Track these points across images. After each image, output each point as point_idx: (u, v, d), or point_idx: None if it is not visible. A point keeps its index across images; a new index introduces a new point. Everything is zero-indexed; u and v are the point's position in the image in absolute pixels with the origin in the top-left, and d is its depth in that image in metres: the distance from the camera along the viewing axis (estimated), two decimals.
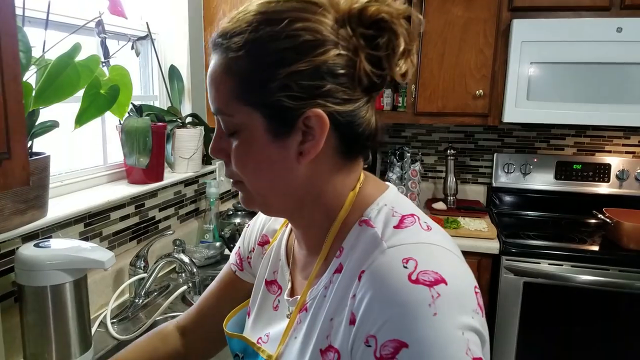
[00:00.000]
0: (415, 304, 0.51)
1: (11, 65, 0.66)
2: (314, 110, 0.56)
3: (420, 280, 0.52)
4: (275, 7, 0.57)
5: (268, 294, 0.77)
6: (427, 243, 0.58)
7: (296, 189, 0.62)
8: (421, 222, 0.61)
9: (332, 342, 0.59)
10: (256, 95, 0.57)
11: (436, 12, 2.23)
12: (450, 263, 0.56)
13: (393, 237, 0.58)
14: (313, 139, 0.58)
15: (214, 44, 0.60)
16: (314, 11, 0.57)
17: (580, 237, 2.14)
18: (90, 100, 1.08)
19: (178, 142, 1.70)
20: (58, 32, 1.24)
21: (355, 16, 0.57)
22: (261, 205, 0.66)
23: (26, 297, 1.01)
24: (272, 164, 0.60)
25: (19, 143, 0.68)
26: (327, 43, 0.56)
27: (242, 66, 0.56)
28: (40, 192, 1.08)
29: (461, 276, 0.56)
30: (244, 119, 0.58)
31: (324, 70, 0.56)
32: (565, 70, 2.14)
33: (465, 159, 2.71)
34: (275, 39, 0.55)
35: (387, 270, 0.54)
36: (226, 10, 1.85)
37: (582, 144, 2.57)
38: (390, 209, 0.62)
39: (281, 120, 0.57)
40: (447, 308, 0.51)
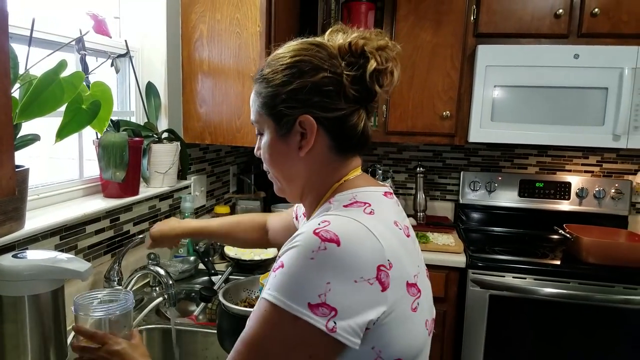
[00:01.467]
0: (304, 246, 0.67)
1: (2, 80, 0.69)
2: (304, 116, 0.78)
3: (319, 234, 0.67)
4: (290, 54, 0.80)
5: None
6: (353, 219, 0.71)
7: (299, 177, 0.84)
8: (367, 209, 0.75)
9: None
10: (269, 108, 0.81)
11: (406, 37, 2.33)
12: (357, 236, 0.69)
13: (335, 210, 0.75)
14: (306, 137, 0.79)
15: (254, 79, 0.85)
16: (315, 50, 0.79)
17: (543, 252, 2.24)
18: (72, 115, 1.11)
19: (154, 157, 1.72)
20: (38, 48, 1.27)
21: (342, 48, 0.79)
22: (282, 191, 0.89)
23: (4, 307, 1.01)
24: (281, 155, 0.83)
25: (6, 154, 0.71)
26: (318, 69, 0.77)
27: (262, 89, 0.81)
28: (18, 204, 1.10)
29: (359, 248, 0.67)
30: (265, 125, 0.83)
31: (313, 87, 0.77)
32: (527, 93, 2.26)
33: (434, 177, 2.80)
34: (281, 69, 0.79)
35: (309, 225, 0.71)
36: (204, 30, 1.90)
37: (544, 163, 2.70)
38: (353, 195, 0.79)
39: (283, 124, 0.80)
40: (324, 262, 0.65)
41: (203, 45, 1.92)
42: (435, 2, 2.29)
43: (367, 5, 2.47)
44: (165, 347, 1.50)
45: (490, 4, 2.27)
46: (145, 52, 1.85)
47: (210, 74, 1.94)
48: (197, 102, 1.96)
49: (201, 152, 2.21)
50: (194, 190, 2.10)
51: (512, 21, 2.27)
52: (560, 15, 2.22)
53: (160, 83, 1.85)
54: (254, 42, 1.88)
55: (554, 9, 2.23)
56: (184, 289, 1.78)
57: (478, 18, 2.30)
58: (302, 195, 0.87)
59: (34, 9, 1.33)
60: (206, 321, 1.62)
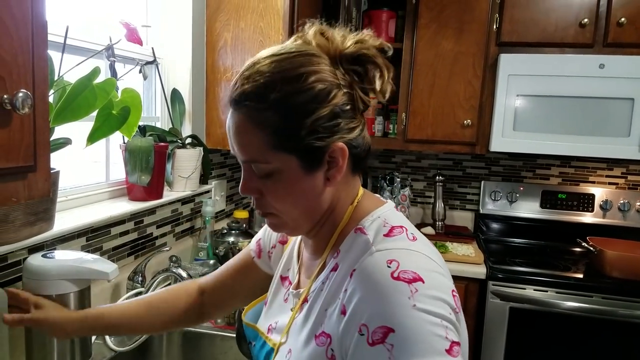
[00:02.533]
0: (396, 296, 0.61)
1: (41, 86, 0.72)
2: (337, 144, 0.69)
3: (400, 277, 0.62)
4: (286, 65, 0.68)
5: (281, 287, 0.89)
6: (410, 250, 0.68)
7: (320, 209, 0.74)
8: (408, 233, 0.71)
9: (324, 329, 0.69)
10: (290, 143, 0.67)
11: (427, 44, 2.33)
12: (428, 267, 0.66)
13: (381, 243, 0.69)
14: (337, 166, 0.70)
15: (236, 103, 0.69)
16: (317, 62, 0.69)
17: (565, 265, 2.21)
18: (103, 120, 1.14)
19: (178, 161, 1.75)
20: (69, 54, 1.31)
21: (343, 57, 0.71)
22: (292, 229, 0.78)
23: None
24: (305, 194, 0.71)
25: (43, 157, 0.74)
26: (334, 88, 0.68)
27: (274, 121, 0.67)
28: (49, 205, 1.13)
29: (438, 278, 0.65)
30: (280, 164, 0.69)
31: (337, 110, 0.68)
32: (550, 103, 2.24)
33: (453, 186, 2.79)
34: (297, 94, 0.67)
35: (373, 268, 0.65)
36: (228, 38, 1.93)
37: (567, 174, 2.66)
38: (383, 220, 0.73)
39: (313, 158, 0.69)
40: (424, 301, 0.61)
41: (227, 53, 1.95)
42: (458, 10, 2.29)
43: (388, 14, 2.49)
44: (185, 349, 1.52)
45: (513, 14, 2.27)
46: (171, 60, 1.89)
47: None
48: (220, 109, 1.99)
49: (222, 158, 2.24)
50: (214, 194, 2.13)
51: (536, 30, 2.26)
52: (585, 24, 2.20)
53: (185, 90, 1.89)
54: None
55: (579, 19, 2.21)
56: None
57: (501, 27, 2.29)
58: (314, 228, 0.77)
59: (67, 17, 1.38)
60: (224, 325, 1.63)
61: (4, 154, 0.66)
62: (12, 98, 0.64)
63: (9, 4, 0.65)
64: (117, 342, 1.33)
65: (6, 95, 0.64)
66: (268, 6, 1.88)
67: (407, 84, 2.39)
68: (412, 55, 2.37)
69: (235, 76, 0.72)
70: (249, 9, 1.90)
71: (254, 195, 0.73)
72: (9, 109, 0.64)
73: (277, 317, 0.85)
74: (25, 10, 0.68)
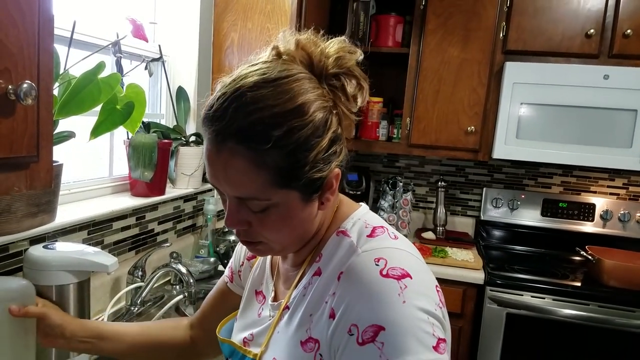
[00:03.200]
0: (386, 294, 0.61)
1: (46, 78, 0.74)
2: (335, 171, 0.68)
3: (390, 274, 0.62)
4: (282, 95, 0.62)
5: (255, 302, 0.87)
6: (394, 248, 0.68)
7: (312, 231, 0.73)
8: (390, 233, 0.72)
9: (311, 334, 0.68)
10: (292, 180, 0.64)
11: (434, 50, 2.35)
12: (414, 263, 0.67)
13: (366, 244, 0.69)
14: (330, 189, 0.69)
15: (228, 138, 0.61)
16: (311, 88, 0.65)
17: (563, 273, 2.21)
18: (107, 114, 1.16)
19: (181, 159, 1.77)
20: (75, 49, 1.33)
21: (328, 75, 0.68)
22: (278, 252, 0.76)
23: None
24: (302, 222, 0.69)
25: (45, 148, 0.75)
26: (328, 113, 0.66)
27: (276, 160, 0.61)
28: (51, 198, 1.14)
29: (423, 275, 0.66)
30: (281, 199, 0.65)
31: (333, 137, 0.66)
32: (554, 112, 2.24)
33: (455, 192, 2.79)
34: (300, 129, 0.62)
35: (362, 268, 0.65)
36: (235, 38, 1.95)
37: (569, 184, 2.66)
38: (364, 222, 0.74)
39: (313, 189, 0.67)
40: (413, 297, 0.61)
41: (233, 52, 1.97)
42: (465, 18, 2.30)
43: (396, 19, 2.50)
44: None
45: (520, 22, 2.27)
46: (177, 57, 1.91)
47: None
48: None
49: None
50: (216, 193, 2.14)
51: (542, 39, 2.26)
52: (591, 35, 2.21)
53: (190, 88, 1.91)
54: None
55: (585, 29, 2.21)
56: (203, 289, 1.81)
57: (507, 35, 2.30)
58: (301, 246, 0.76)
59: (74, 11, 1.40)
60: None
61: (7, 144, 0.67)
62: (17, 89, 0.66)
63: None
64: None
65: (11, 85, 0.66)
66: (276, 7, 1.90)
67: (412, 89, 2.40)
68: (418, 61, 2.38)
69: (215, 104, 0.64)
70: (256, 9, 1.92)
71: (242, 227, 0.69)
72: (13, 100, 0.66)
73: (250, 329, 0.83)
74: (33, 3, 0.69)
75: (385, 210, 2.59)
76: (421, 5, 2.35)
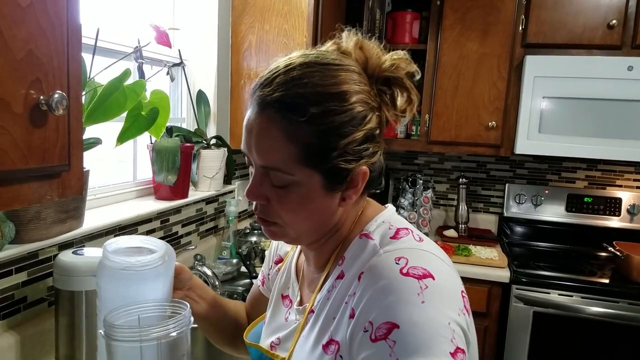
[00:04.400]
0: (405, 292, 0.59)
1: (75, 87, 0.74)
2: (362, 168, 0.67)
3: (410, 273, 0.61)
4: (329, 79, 0.65)
5: (282, 307, 0.86)
6: (418, 249, 0.67)
7: (328, 225, 0.72)
8: (414, 235, 0.71)
9: (333, 336, 0.68)
10: (319, 161, 0.65)
11: (452, 46, 2.32)
12: (438, 265, 0.64)
13: (389, 245, 0.68)
14: (355, 187, 0.68)
15: (268, 107, 0.64)
16: (358, 81, 0.66)
17: (591, 270, 2.17)
18: (132, 120, 1.17)
19: (203, 162, 1.78)
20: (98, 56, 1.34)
21: (379, 78, 0.69)
22: (292, 239, 0.75)
23: (62, 300, 1.07)
24: (319, 211, 0.69)
25: (76, 157, 0.76)
26: (370, 111, 0.67)
27: (307, 136, 0.63)
28: (79, 204, 1.16)
29: (448, 277, 0.64)
30: (303, 178, 0.66)
31: (369, 135, 0.67)
32: (577, 105, 2.20)
33: (477, 188, 2.76)
34: (337, 113, 0.64)
35: (382, 266, 0.64)
36: (252, 40, 1.95)
37: (593, 178, 2.61)
38: (388, 224, 0.72)
39: (337, 179, 0.67)
40: (434, 299, 0.59)
41: (251, 55, 1.97)
42: (483, 12, 2.27)
43: (413, 15, 2.48)
44: (209, 345, 1.54)
45: (539, 15, 2.24)
46: (197, 62, 1.92)
47: None
48: (244, 110, 2.01)
49: (245, 158, 2.25)
50: (237, 194, 2.15)
51: (563, 32, 2.23)
52: (613, 26, 2.16)
53: (210, 91, 1.92)
54: None
55: (607, 20, 2.17)
56: (226, 290, 1.82)
57: (527, 28, 2.26)
58: (316, 242, 0.75)
59: (95, 19, 1.41)
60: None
61: (40, 154, 0.68)
62: (48, 99, 0.66)
63: (46, 7, 0.67)
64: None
65: (42, 96, 0.66)
66: (292, 8, 1.90)
67: (430, 85, 2.38)
68: (435, 57, 2.36)
69: (266, 74, 0.68)
70: (273, 11, 1.92)
71: (261, 201, 0.70)
72: (45, 110, 0.66)
73: (278, 333, 0.83)
74: (61, 13, 0.70)
75: (405, 208, 2.57)
76: (438, 1, 2.33)
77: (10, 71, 0.61)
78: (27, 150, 0.65)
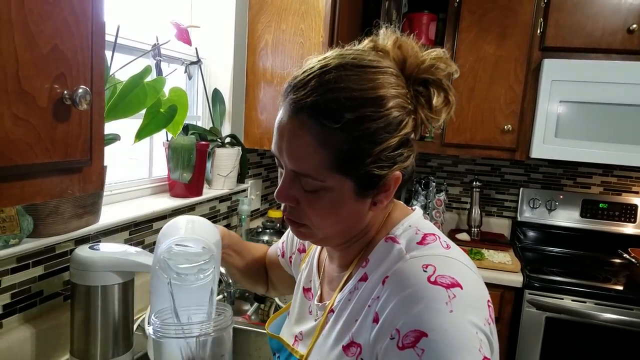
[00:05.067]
0: (433, 301, 0.58)
1: (98, 83, 0.74)
2: (395, 173, 0.66)
3: (438, 282, 0.60)
4: (366, 82, 0.62)
5: (305, 300, 0.87)
6: (445, 256, 0.66)
7: (357, 229, 0.72)
8: (442, 241, 0.70)
9: (354, 339, 0.67)
10: (351, 168, 0.63)
11: (468, 48, 2.31)
12: (465, 274, 0.64)
13: (415, 251, 0.67)
14: (387, 191, 0.68)
15: (301, 111, 0.63)
16: (396, 84, 0.65)
17: (605, 276, 2.14)
18: (151, 117, 1.17)
19: (217, 160, 1.78)
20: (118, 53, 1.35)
21: (416, 80, 0.67)
22: (320, 240, 0.75)
23: (78, 295, 1.08)
24: (349, 215, 0.68)
25: (97, 152, 0.76)
26: (406, 115, 0.65)
27: (340, 142, 0.62)
28: (96, 199, 1.17)
29: (476, 286, 0.63)
30: (334, 184, 0.65)
31: (404, 140, 0.66)
32: (594, 110, 2.17)
33: (490, 192, 2.74)
34: (372, 119, 0.62)
35: (408, 273, 0.63)
36: (269, 40, 1.95)
37: (609, 184, 2.58)
38: (415, 229, 0.71)
39: (369, 185, 0.66)
40: (462, 308, 0.58)
41: (267, 54, 1.97)
42: (501, 14, 2.26)
43: (429, 17, 2.47)
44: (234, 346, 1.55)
45: (558, 18, 2.22)
46: (213, 60, 1.92)
47: (273, 82, 1.99)
48: (259, 109, 2.02)
49: (258, 157, 2.27)
50: (250, 193, 2.16)
51: (581, 35, 2.20)
52: (633, 30, 2.13)
53: (226, 90, 1.92)
54: (316, 52, 1.91)
55: (627, 24, 2.14)
56: (238, 289, 1.82)
57: (545, 31, 2.24)
58: (344, 243, 0.75)
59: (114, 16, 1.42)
60: (258, 321, 1.65)
61: (62, 148, 0.68)
62: (72, 94, 0.66)
63: (72, 3, 0.67)
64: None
65: (66, 90, 0.67)
66: (309, 8, 1.89)
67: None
68: (452, 58, 2.34)
69: (300, 76, 0.66)
70: (290, 10, 1.92)
71: (290, 204, 0.69)
72: (68, 104, 0.67)
73: (301, 327, 0.83)
74: (86, 9, 0.70)
75: None
76: (455, 3, 2.31)
77: (36, 65, 0.61)
78: (51, 144, 0.65)
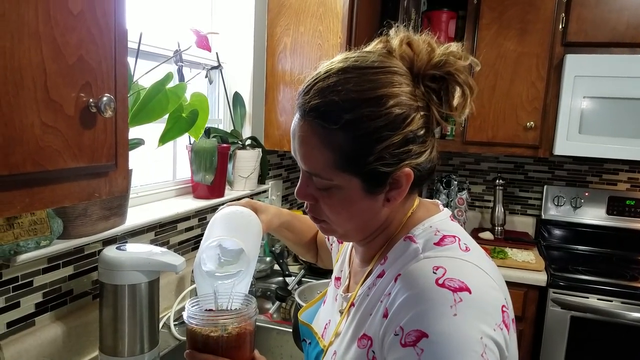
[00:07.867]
0: (438, 303, 0.59)
1: (121, 90, 0.78)
2: (404, 170, 0.66)
3: (446, 285, 0.60)
4: (365, 84, 0.64)
5: (335, 288, 0.90)
6: (460, 259, 0.66)
7: (375, 224, 0.73)
8: (461, 244, 0.69)
9: (367, 332, 0.70)
10: (355, 166, 0.66)
11: (489, 45, 2.29)
12: (478, 278, 0.63)
13: (431, 251, 0.67)
14: (399, 188, 0.68)
15: (306, 115, 0.67)
16: (398, 83, 0.65)
17: (632, 274, 2.10)
18: (174, 122, 1.21)
19: (238, 162, 1.82)
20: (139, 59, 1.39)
21: (426, 76, 0.68)
22: (341, 236, 0.78)
23: (106, 294, 1.12)
24: (362, 212, 0.71)
25: (122, 156, 0.80)
26: (412, 112, 0.65)
27: (342, 142, 0.65)
28: (122, 202, 1.21)
29: (487, 291, 0.63)
30: (341, 182, 0.67)
31: (410, 136, 0.66)
32: (619, 105, 2.14)
33: (514, 190, 2.71)
34: (373, 119, 0.63)
35: (418, 273, 0.64)
36: (287, 42, 1.98)
37: (636, 180, 2.53)
38: (435, 229, 0.71)
39: (377, 182, 0.67)
40: (468, 312, 0.58)
41: (286, 57, 2.00)
42: (521, 10, 2.24)
43: (449, 14, 2.46)
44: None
45: (581, 13, 2.18)
46: (233, 64, 1.96)
47: (292, 84, 2.01)
48: (278, 111, 2.05)
49: (279, 159, 2.29)
50: (271, 194, 2.18)
51: (605, 30, 2.16)
52: None
53: (246, 93, 1.95)
54: (334, 54, 1.92)
55: None
56: (259, 288, 1.86)
57: (567, 27, 2.21)
58: (365, 239, 0.77)
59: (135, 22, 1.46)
60: (280, 319, 1.68)
61: (89, 154, 0.72)
62: (97, 102, 0.70)
63: (95, 14, 0.70)
64: (181, 331, 1.40)
65: (92, 99, 0.70)
66: (327, 10, 1.91)
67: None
68: (472, 56, 2.33)
69: (308, 81, 0.69)
70: (308, 13, 1.94)
71: (309, 201, 0.73)
72: (94, 112, 0.70)
73: (329, 316, 0.87)
74: (110, 19, 0.73)
75: None
76: (475, 0, 2.30)
77: (63, 76, 0.65)
78: (78, 150, 0.68)
